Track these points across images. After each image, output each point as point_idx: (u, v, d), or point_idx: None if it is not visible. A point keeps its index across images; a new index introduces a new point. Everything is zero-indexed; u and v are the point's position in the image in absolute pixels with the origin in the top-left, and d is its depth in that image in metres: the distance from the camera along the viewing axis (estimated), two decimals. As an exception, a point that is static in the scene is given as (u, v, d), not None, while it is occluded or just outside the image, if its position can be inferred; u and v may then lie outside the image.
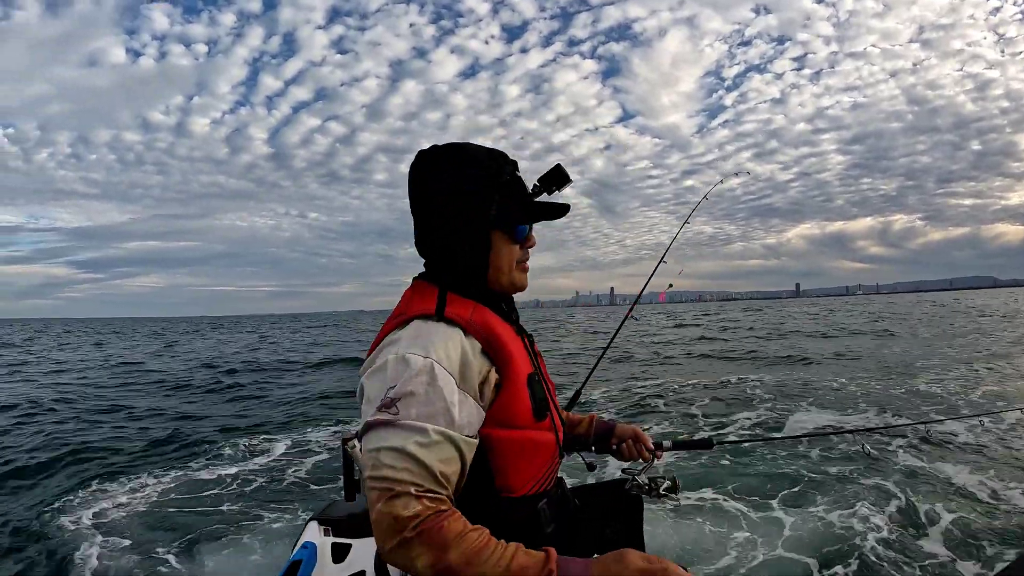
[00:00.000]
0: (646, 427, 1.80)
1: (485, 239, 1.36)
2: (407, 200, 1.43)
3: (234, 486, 6.88)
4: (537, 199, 1.44)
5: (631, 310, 3.23)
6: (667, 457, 1.94)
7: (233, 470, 7.51)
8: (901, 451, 6.18)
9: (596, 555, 1.45)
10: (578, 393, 2.61)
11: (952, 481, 5.56)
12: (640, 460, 1.85)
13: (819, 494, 5.41)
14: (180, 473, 7.40)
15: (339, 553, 2.52)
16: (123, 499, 6.40)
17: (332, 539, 2.59)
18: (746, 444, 6.79)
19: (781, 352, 18.89)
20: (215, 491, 6.72)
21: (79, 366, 23.01)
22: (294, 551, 2.53)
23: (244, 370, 19.58)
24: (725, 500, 5.42)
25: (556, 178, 1.44)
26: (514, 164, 1.42)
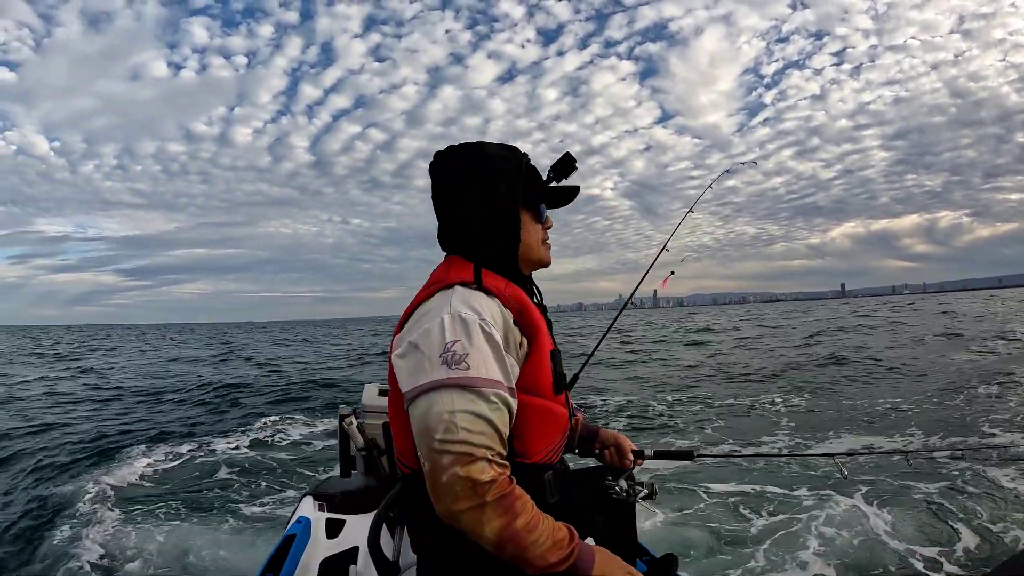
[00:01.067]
0: (629, 434, 1.91)
1: (516, 216, 1.45)
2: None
3: (236, 460, 7.38)
4: (551, 185, 1.55)
5: (618, 315, 3.12)
6: (648, 463, 1.98)
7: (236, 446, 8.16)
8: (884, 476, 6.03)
9: (595, 536, 1.60)
10: (575, 377, 2.51)
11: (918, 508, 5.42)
12: (620, 467, 1.87)
13: (785, 512, 5.37)
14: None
15: (333, 529, 2.53)
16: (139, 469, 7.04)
17: (327, 515, 2.60)
18: (727, 459, 6.70)
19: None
20: (216, 464, 7.26)
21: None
22: (288, 525, 2.57)
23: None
24: (700, 510, 5.45)
25: (566, 165, 1.54)
26: (526, 154, 1.52)
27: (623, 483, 1.72)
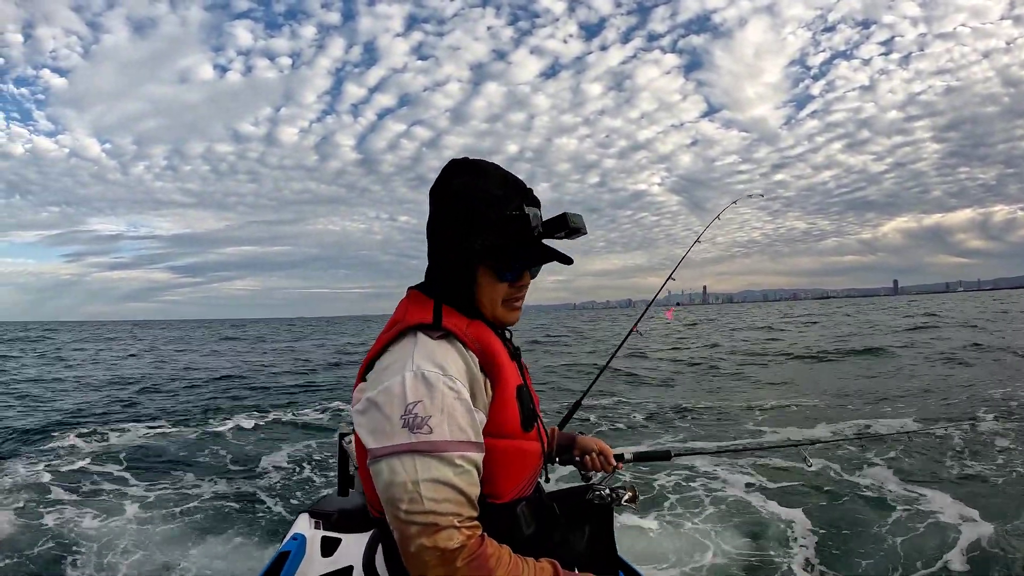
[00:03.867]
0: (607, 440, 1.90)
1: (470, 271, 1.34)
2: None
3: (234, 473, 7.44)
4: (546, 239, 1.37)
5: (636, 324, 3.17)
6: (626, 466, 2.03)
7: (236, 456, 8.23)
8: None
9: (572, 561, 1.54)
10: (577, 404, 2.64)
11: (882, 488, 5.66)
12: (603, 471, 1.90)
13: (760, 502, 5.60)
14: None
15: (328, 547, 2.52)
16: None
17: (322, 532, 2.59)
18: (705, 456, 6.81)
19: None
20: (215, 476, 7.27)
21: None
22: (284, 541, 2.55)
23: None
24: (680, 510, 5.57)
25: (560, 228, 1.35)
26: (527, 198, 1.36)
27: (606, 489, 1.73)
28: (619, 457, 1.94)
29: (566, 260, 1.40)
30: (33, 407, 12.97)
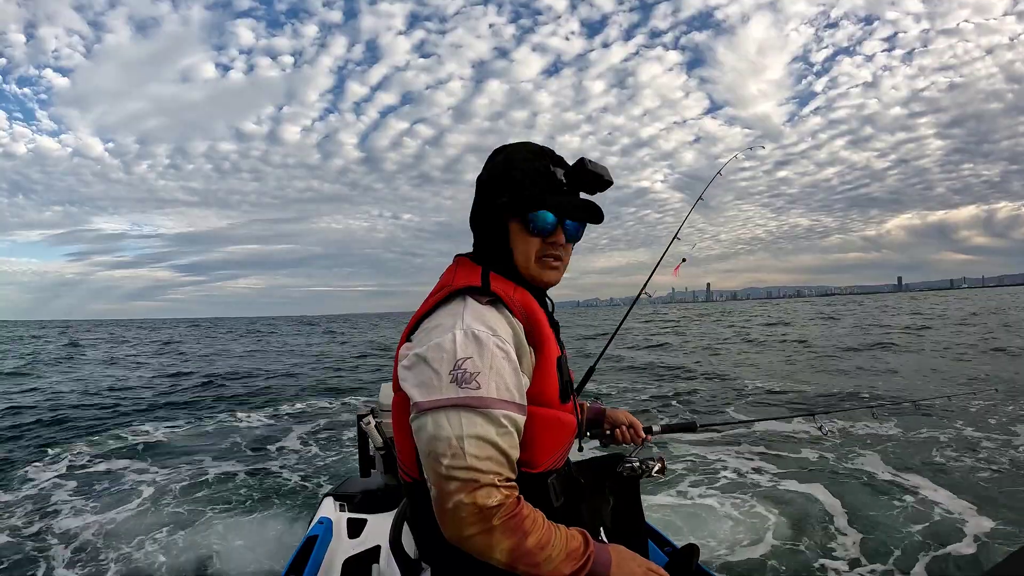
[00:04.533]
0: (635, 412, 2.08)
1: (501, 227, 1.37)
2: None
3: (256, 459, 7.65)
4: (560, 197, 1.37)
5: (644, 288, 3.14)
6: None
7: (257, 443, 8.49)
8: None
9: (601, 528, 1.65)
10: (590, 373, 2.64)
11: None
12: (632, 444, 1.93)
13: (786, 471, 6.06)
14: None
15: (354, 528, 2.56)
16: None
17: (348, 514, 2.64)
18: (725, 425, 7.25)
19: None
20: (236, 465, 7.40)
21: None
22: (310, 526, 2.59)
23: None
24: (706, 479, 5.93)
25: (583, 175, 1.38)
26: (555, 160, 1.39)
27: (636, 460, 1.75)
28: (648, 430, 2.00)
29: (593, 212, 1.39)
30: (118, 399, 13.20)
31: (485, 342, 1.17)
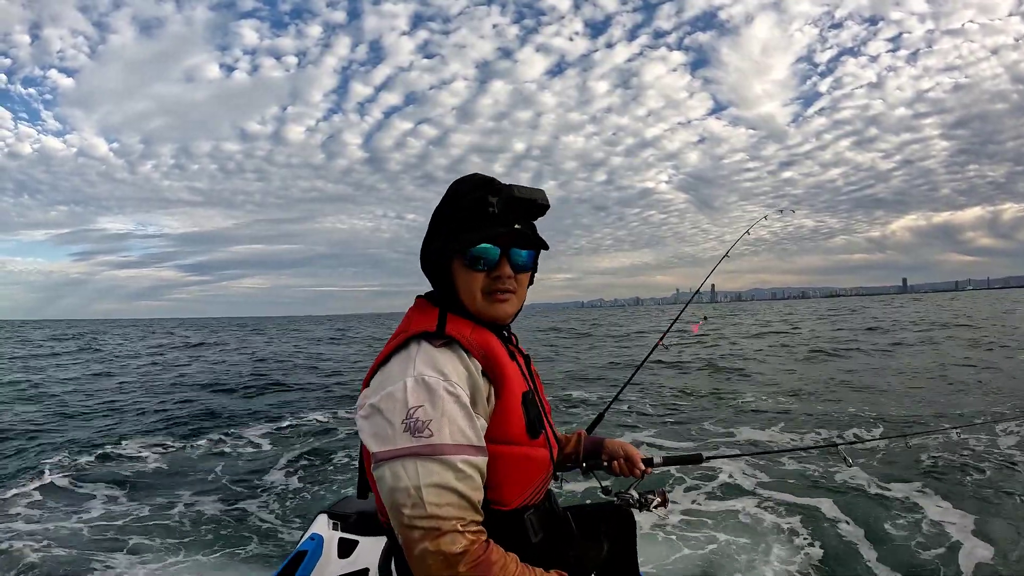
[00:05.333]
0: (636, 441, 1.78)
1: (445, 266, 1.38)
2: None
3: (254, 469, 7.47)
4: (515, 226, 1.36)
5: (661, 339, 3.18)
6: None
7: (261, 453, 8.34)
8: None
9: (592, 573, 1.58)
10: (600, 416, 2.60)
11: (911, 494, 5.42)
12: (631, 477, 1.87)
13: (804, 506, 5.39)
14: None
15: (345, 548, 2.52)
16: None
17: (340, 534, 2.60)
18: (735, 458, 6.68)
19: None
20: (233, 471, 7.35)
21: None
22: (301, 541, 2.58)
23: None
24: (715, 514, 5.37)
25: (511, 202, 1.35)
26: (491, 188, 1.36)
27: (634, 493, 1.72)
28: (648, 461, 1.90)
29: (528, 241, 1.38)
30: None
31: (435, 388, 1.18)
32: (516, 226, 1.37)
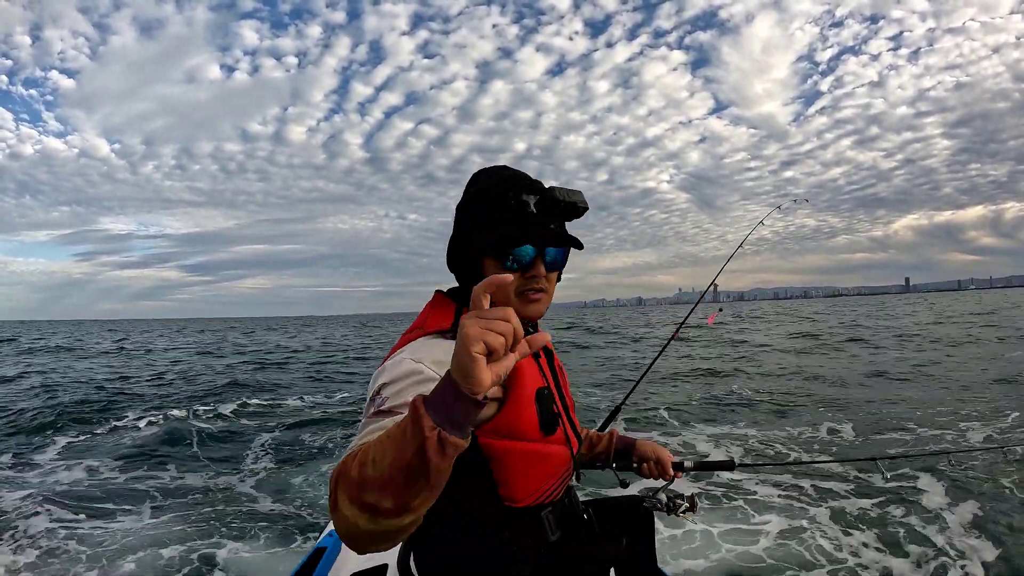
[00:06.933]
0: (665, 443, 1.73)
1: (476, 266, 1.35)
2: None
3: (269, 468, 7.55)
4: (550, 226, 1.34)
5: (677, 331, 3.16)
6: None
7: (270, 451, 8.36)
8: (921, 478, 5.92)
9: (612, 569, 1.58)
10: (618, 409, 2.56)
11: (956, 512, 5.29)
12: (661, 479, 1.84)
13: (832, 519, 5.28)
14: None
15: None
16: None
17: None
18: (768, 467, 6.66)
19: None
20: (250, 472, 7.38)
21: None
22: (320, 538, 2.57)
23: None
24: (742, 521, 5.32)
25: (551, 203, 1.34)
26: (526, 186, 1.34)
27: (663, 496, 1.69)
28: (678, 466, 1.87)
29: (566, 240, 1.33)
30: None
31: (404, 365, 1.17)
32: (551, 226, 1.34)
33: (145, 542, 5.12)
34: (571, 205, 1.34)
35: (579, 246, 1.36)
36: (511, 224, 1.30)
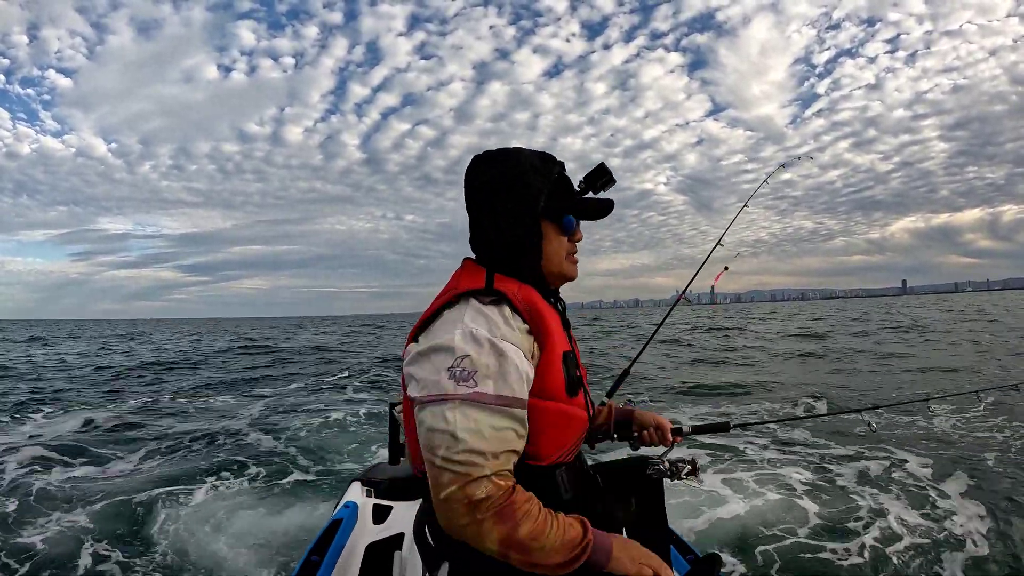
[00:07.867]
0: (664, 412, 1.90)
1: (537, 228, 1.42)
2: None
3: (284, 441, 7.71)
4: (584, 197, 1.51)
5: (683, 293, 3.23)
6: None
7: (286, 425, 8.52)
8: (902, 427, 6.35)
9: (624, 531, 1.56)
10: (626, 372, 2.59)
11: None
12: (662, 445, 1.89)
13: (828, 471, 5.66)
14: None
15: (380, 514, 2.57)
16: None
17: (374, 500, 2.66)
18: (762, 425, 6.92)
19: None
20: (266, 444, 7.56)
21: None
22: (336, 509, 2.62)
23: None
24: (742, 478, 5.61)
25: (599, 176, 1.51)
26: (562, 165, 1.49)
27: (665, 462, 1.71)
28: (676, 431, 1.94)
29: (609, 205, 1.52)
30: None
31: (482, 340, 1.21)
32: (597, 192, 1.52)
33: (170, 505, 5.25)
34: (611, 179, 1.53)
35: (612, 206, 1.54)
36: (565, 194, 1.47)
